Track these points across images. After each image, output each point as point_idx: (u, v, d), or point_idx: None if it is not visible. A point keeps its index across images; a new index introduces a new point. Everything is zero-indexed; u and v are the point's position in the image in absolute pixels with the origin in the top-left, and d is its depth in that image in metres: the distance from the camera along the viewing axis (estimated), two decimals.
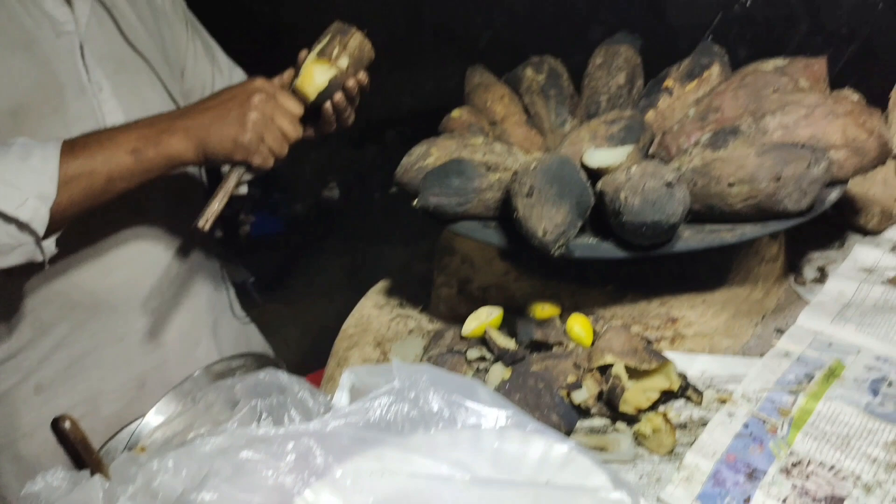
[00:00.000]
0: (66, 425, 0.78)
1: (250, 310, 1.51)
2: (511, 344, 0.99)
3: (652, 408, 0.90)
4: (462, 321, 1.05)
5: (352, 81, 1.10)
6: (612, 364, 0.91)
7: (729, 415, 0.87)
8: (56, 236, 0.99)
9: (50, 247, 0.99)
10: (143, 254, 1.21)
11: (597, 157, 1.00)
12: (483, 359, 1.00)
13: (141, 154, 0.99)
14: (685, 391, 0.91)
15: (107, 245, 1.16)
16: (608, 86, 1.19)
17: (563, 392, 0.91)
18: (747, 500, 0.75)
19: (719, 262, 1.02)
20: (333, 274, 3.03)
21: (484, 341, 1.01)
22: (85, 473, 0.70)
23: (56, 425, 0.78)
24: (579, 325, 0.99)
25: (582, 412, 0.91)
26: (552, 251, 0.89)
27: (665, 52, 1.26)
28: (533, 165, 0.94)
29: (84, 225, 1.05)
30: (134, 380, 1.25)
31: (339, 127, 1.16)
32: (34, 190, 0.94)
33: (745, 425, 0.85)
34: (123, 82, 1.16)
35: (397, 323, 1.19)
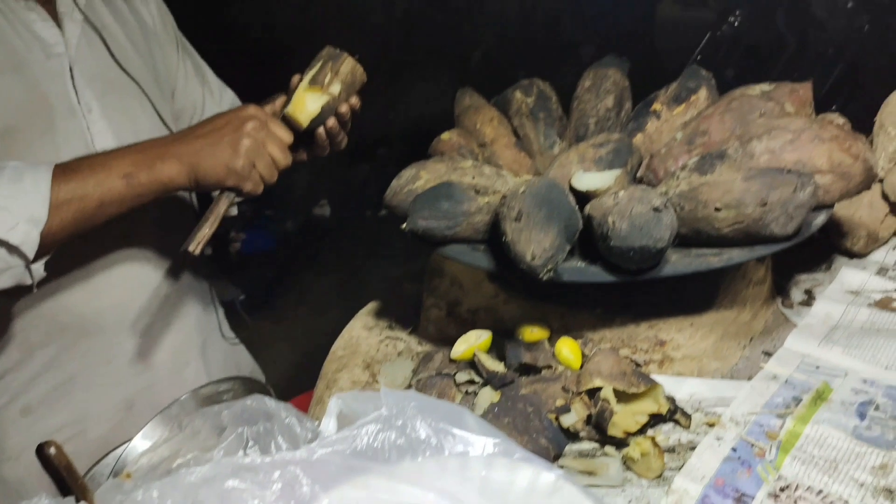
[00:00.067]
0: (51, 451, 0.77)
1: (239, 330, 1.50)
2: (500, 367, 0.99)
3: (640, 431, 0.90)
4: (451, 343, 1.04)
5: (344, 107, 1.11)
6: (600, 387, 0.91)
7: (717, 438, 0.87)
8: (45, 259, 0.99)
9: (39, 270, 0.99)
10: (132, 276, 1.20)
11: (585, 180, 1.00)
12: (472, 382, 1.00)
13: (133, 179, 0.99)
14: (674, 414, 0.91)
15: (96, 267, 1.16)
16: (597, 109, 1.20)
17: (552, 416, 0.91)
18: None
19: (707, 285, 1.02)
20: (324, 292, 3.02)
21: (473, 364, 1.01)
22: (70, 500, 0.70)
23: (41, 451, 0.77)
24: (568, 349, 0.99)
25: (571, 436, 0.91)
26: (541, 275, 0.89)
27: (653, 75, 1.27)
28: (521, 189, 0.94)
29: (73, 247, 1.04)
30: (122, 402, 1.24)
31: (331, 150, 1.16)
32: (25, 213, 0.94)
33: (734, 449, 0.85)
34: (113, 103, 1.16)
35: (386, 345, 1.19)
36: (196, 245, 1.00)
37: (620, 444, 0.89)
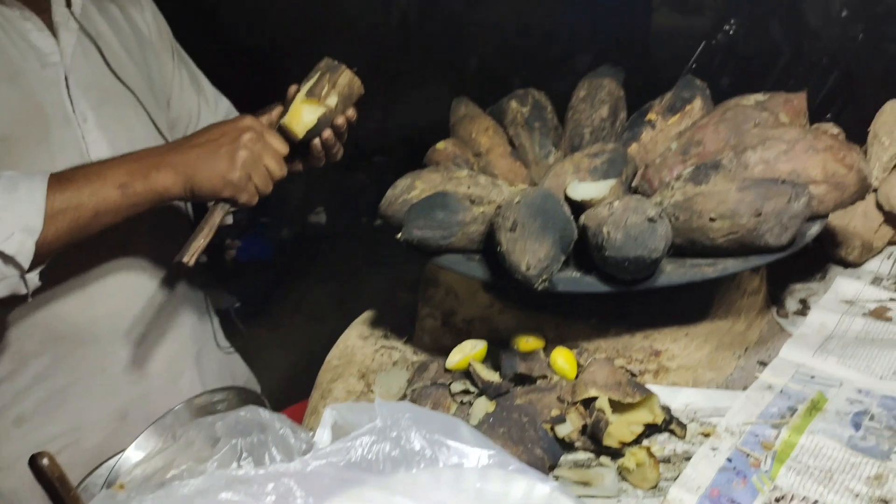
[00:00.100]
0: (44, 462, 0.76)
1: (234, 338, 1.50)
2: (495, 377, 0.99)
3: (636, 441, 0.90)
4: (446, 353, 1.04)
5: (340, 119, 1.11)
6: (596, 397, 0.91)
7: (712, 448, 0.87)
8: (40, 269, 0.99)
9: (34, 279, 0.98)
10: (127, 285, 1.20)
11: (580, 189, 1.01)
12: (467, 392, 1.00)
13: (128, 189, 0.99)
14: (669, 424, 0.91)
15: (91, 276, 1.15)
16: (591, 118, 1.21)
17: (548, 426, 0.91)
18: None
19: (702, 295, 1.03)
20: (320, 299, 3.02)
21: (468, 374, 1.01)
22: None
23: (34, 462, 0.77)
24: (563, 359, 0.99)
25: (566, 446, 0.91)
26: (536, 285, 0.89)
27: (648, 85, 1.27)
28: (516, 199, 0.94)
29: (68, 256, 1.04)
30: (116, 411, 1.23)
31: (327, 162, 1.16)
32: (20, 223, 0.93)
33: (729, 459, 0.85)
34: (108, 113, 1.16)
35: (382, 354, 1.19)
36: (190, 256, 1.00)
37: (616, 454, 0.89)
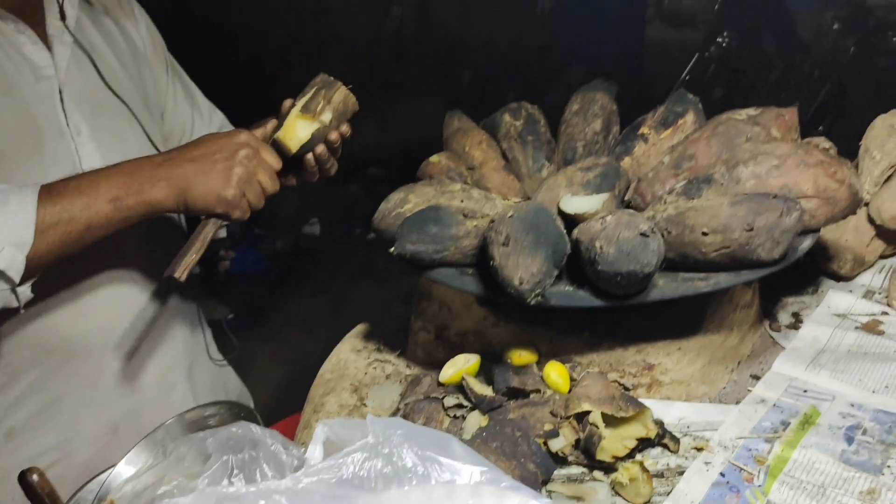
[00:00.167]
0: (34, 478, 0.76)
1: (227, 350, 1.49)
2: (488, 391, 0.99)
3: (629, 456, 0.90)
4: (440, 366, 1.04)
5: (334, 135, 1.11)
6: (589, 411, 0.91)
7: (705, 463, 0.87)
8: (31, 282, 0.98)
9: (26, 292, 0.98)
10: (119, 297, 1.20)
11: (573, 203, 1.01)
12: (460, 406, 1.00)
13: (121, 202, 0.99)
14: (662, 439, 0.91)
15: (83, 289, 1.15)
16: (584, 132, 1.21)
17: (541, 440, 0.91)
18: None
19: (694, 309, 1.03)
20: (313, 311, 3.02)
21: (461, 388, 1.01)
22: None
23: (23, 478, 0.77)
24: (556, 373, 0.99)
25: (559, 460, 0.91)
26: (528, 300, 0.89)
27: (640, 98, 1.28)
28: (509, 214, 0.95)
29: (60, 269, 1.03)
30: (107, 425, 1.23)
31: (321, 177, 1.16)
32: (11, 237, 0.93)
33: (722, 474, 0.85)
34: (102, 126, 1.16)
35: (374, 368, 1.19)
36: (182, 271, 0.99)
37: (609, 468, 0.89)
